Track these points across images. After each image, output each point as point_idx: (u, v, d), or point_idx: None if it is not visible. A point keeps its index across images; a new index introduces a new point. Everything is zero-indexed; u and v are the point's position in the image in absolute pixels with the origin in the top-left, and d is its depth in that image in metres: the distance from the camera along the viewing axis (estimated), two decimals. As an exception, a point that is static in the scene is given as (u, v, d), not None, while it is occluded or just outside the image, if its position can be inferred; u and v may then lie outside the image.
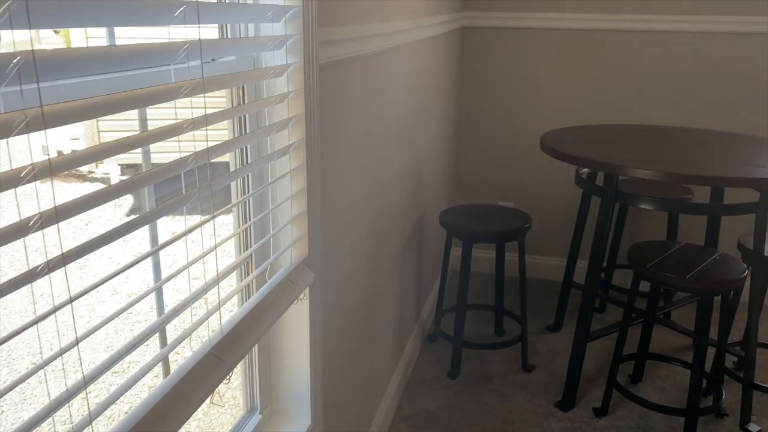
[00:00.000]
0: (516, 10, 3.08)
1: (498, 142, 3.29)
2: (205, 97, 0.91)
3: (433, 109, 2.66)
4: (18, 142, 0.70)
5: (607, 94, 3.08)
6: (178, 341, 0.85)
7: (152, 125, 0.83)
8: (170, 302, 3.47)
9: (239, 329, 1.01)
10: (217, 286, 0.95)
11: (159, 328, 0.81)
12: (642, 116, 3.06)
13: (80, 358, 3.14)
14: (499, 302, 2.78)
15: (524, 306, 2.54)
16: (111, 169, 5.91)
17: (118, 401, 2.36)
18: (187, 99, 0.84)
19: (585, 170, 2.59)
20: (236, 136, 1.17)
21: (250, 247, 1.22)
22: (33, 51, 0.57)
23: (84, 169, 6.06)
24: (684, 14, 2.89)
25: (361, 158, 1.63)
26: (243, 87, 1.16)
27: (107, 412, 2.64)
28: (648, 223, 3.21)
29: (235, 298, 1.35)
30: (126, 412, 2.70)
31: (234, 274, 1.29)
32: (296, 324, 1.30)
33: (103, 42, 0.91)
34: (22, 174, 0.57)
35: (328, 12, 1.27)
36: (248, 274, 1.27)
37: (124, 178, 2.82)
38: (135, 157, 5.53)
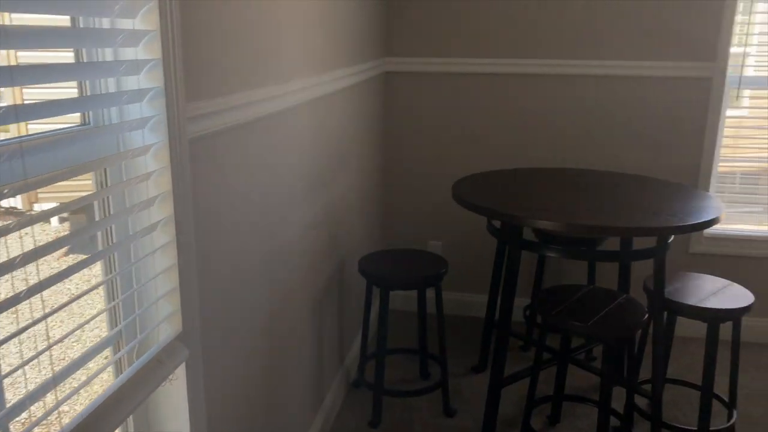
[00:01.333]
0: (436, 55, 3.16)
1: (425, 183, 3.34)
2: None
3: (354, 155, 2.68)
4: None
5: (528, 137, 3.17)
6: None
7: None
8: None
9: (89, 423, 0.99)
10: (54, 388, 0.93)
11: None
12: (561, 159, 3.15)
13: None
14: (422, 345, 2.79)
15: (444, 350, 2.56)
16: None
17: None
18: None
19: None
20: (99, 218, 1.16)
21: (119, 324, 1.20)
22: None
23: None
24: (609, 59, 3.00)
25: (256, 220, 1.63)
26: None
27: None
28: (571, 264, 3.28)
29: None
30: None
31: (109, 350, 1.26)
32: (174, 402, 1.28)
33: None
34: None
35: (198, 86, 1.27)
36: (127, 352, 1.24)
37: None
38: None
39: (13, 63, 0.84)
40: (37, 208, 5.19)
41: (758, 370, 2.92)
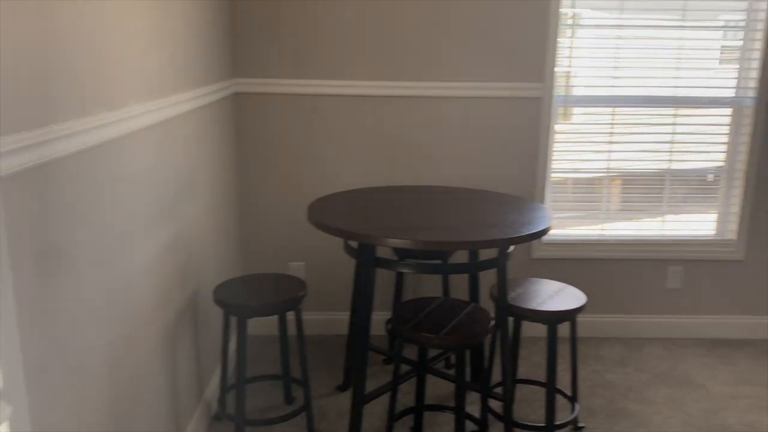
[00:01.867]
0: (288, 76, 3.16)
1: (283, 205, 3.32)
2: None
3: (203, 181, 2.61)
4: None
5: (382, 156, 3.26)
6: None
7: None
8: None
9: None
10: None
11: None
12: (415, 177, 3.27)
13: None
14: (285, 371, 2.76)
15: (306, 373, 2.55)
16: None
17: None
18: None
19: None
20: None
21: None
22: None
23: None
24: (452, 81, 3.16)
25: (93, 256, 1.53)
26: None
27: None
28: (429, 276, 3.41)
29: None
30: None
31: None
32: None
33: None
34: None
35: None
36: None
37: None
38: None
39: None
40: None
41: (597, 362, 3.20)
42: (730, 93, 3.29)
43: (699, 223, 3.44)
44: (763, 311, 3.47)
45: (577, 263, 3.40)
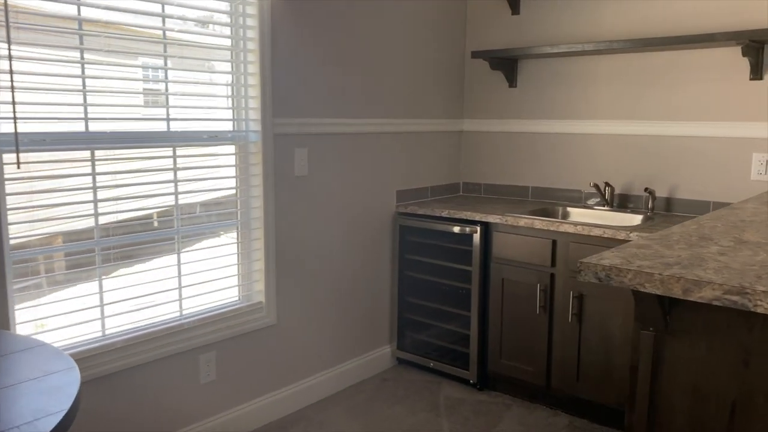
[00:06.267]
0: None
1: None
2: None
3: None
4: None
5: None
6: None
7: None
8: None
9: None
10: None
11: None
12: None
13: None
14: None
15: None
16: None
17: None
18: None
19: None
20: None
21: None
22: None
23: None
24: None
25: None
26: None
27: None
28: None
29: None
30: None
31: None
32: None
33: None
34: None
35: None
36: None
37: None
38: None
39: None
40: None
41: None
42: (228, 126, 2.69)
43: (220, 292, 2.71)
44: (299, 376, 3.01)
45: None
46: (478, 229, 3.08)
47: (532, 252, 2.93)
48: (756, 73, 2.79)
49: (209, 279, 2.64)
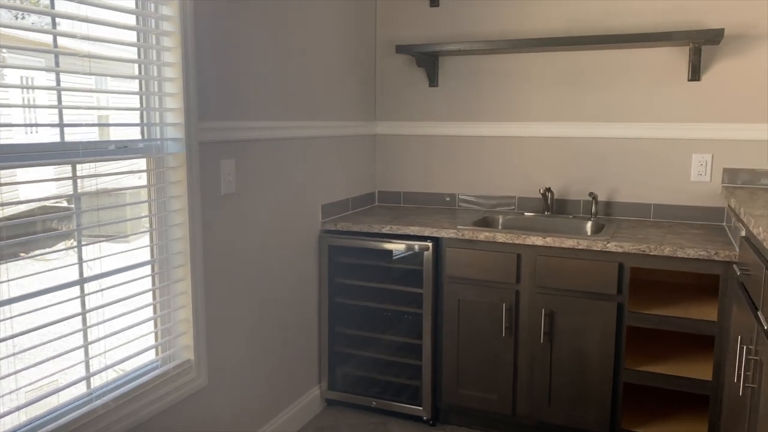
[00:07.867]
0: None
1: None
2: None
3: None
4: None
5: None
6: None
7: None
8: None
9: None
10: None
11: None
12: None
13: None
14: None
15: None
16: None
17: None
18: None
19: None
20: None
21: None
22: None
23: None
24: None
25: None
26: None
27: None
28: None
29: None
30: None
31: None
32: None
33: None
34: None
35: None
36: None
37: None
38: None
39: None
40: None
41: None
42: (136, 134, 2.01)
43: (133, 360, 2.02)
44: (232, 444, 2.40)
45: None
46: (430, 245, 2.71)
47: (493, 268, 2.64)
48: (695, 74, 2.79)
49: (114, 345, 1.94)
